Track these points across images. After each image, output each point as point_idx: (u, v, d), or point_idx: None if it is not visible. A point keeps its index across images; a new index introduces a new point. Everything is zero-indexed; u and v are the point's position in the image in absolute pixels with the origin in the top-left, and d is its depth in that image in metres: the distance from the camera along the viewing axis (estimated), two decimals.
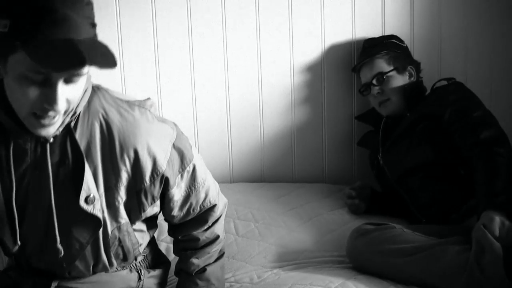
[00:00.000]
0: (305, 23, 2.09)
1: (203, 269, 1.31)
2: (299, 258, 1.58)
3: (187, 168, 1.18)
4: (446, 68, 2.17)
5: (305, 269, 1.50)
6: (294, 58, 2.11)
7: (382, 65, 1.90)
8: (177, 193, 1.19)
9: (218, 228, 1.31)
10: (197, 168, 1.21)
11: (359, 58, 2.03)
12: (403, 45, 2.00)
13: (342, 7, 2.10)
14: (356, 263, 1.49)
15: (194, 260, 1.29)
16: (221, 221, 1.33)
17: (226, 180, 2.16)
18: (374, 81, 1.89)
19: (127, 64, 2.02)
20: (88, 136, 1.05)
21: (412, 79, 1.91)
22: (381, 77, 1.88)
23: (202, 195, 1.24)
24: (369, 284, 1.35)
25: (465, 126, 1.62)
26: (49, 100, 0.91)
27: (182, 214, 1.24)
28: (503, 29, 2.18)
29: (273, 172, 2.19)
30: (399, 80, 1.88)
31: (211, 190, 1.26)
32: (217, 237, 1.31)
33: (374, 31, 2.11)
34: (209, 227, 1.29)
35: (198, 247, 1.30)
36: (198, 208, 1.25)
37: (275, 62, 2.10)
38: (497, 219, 1.38)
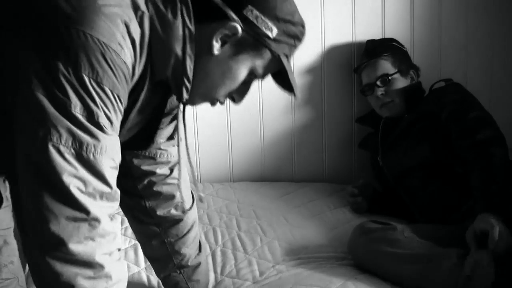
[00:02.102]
0: (305, 22, 2.09)
1: (198, 263, 1.32)
2: (302, 253, 1.57)
3: None
4: (446, 70, 2.18)
5: (307, 265, 1.49)
6: (294, 58, 2.11)
7: (387, 66, 1.89)
8: None
9: (196, 212, 1.34)
10: None
11: (362, 58, 2.02)
12: (404, 48, 2.00)
13: (342, 8, 2.11)
14: (357, 260, 1.50)
15: (185, 250, 1.30)
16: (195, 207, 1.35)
17: (227, 180, 2.16)
18: (379, 82, 1.88)
19: None
20: None
21: (413, 82, 1.92)
22: (386, 78, 1.88)
23: None
24: (369, 284, 1.35)
25: (461, 126, 1.62)
26: (241, 95, 1.05)
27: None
28: (504, 30, 2.19)
29: (273, 172, 2.19)
30: (402, 82, 1.89)
31: None
32: (196, 219, 1.33)
33: (374, 33, 2.12)
34: (190, 207, 1.30)
35: (182, 234, 1.29)
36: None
37: None
38: (496, 226, 1.36)
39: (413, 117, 1.79)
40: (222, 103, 1.04)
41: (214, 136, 2.13)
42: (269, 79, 1.00)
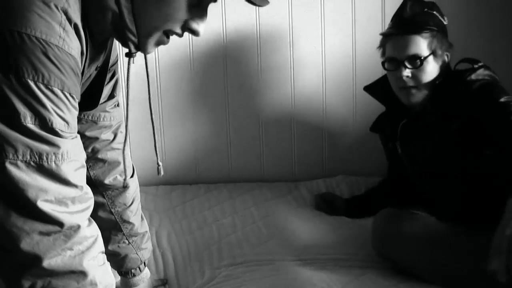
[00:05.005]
0: (305, 22, 2.09)
1: (145, 231, 1.34)
2: (303, 254, 1.56)
3: None
4: None
5: (310, 266, 1.48)
6: (294, 57, 2.11)
7: (422, 46, 1.57)
8: None
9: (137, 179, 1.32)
10: None
11: (394, 21, 1.65)
12: (444, 22, 1.66)
13: (342, 5, 2.10)
14: (379, 244, 1.51)
15: (134, 219, 1.29)
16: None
17: (226, 180, 2.16)
18: (407, 63, 1.57)
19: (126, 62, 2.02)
20: None
21: (443, 65, 1.62)
22: (418, 60, 1.56)
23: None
24: (371, 285, 1.35)
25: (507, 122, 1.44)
26: (198, 22, 0.94)
27: None
28: (505, 29, 2.17)
29: (273, 171, 2.19)
30: (433, 66, 1.58)
31: None
32: (137, 186, 1.31)
33: (374, 32, 2.10)
34: (133, 174, 1.29)
35: (130, 202, 1.27)
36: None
37: (275, 61, 2.10)
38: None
39: (444, 112, 1.56)
40: (180, 35, 0.96)
41: (214, 135, 2.13)
42: (269, 75, 0.91)
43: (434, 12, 1.62)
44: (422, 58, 1.56)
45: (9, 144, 0.77)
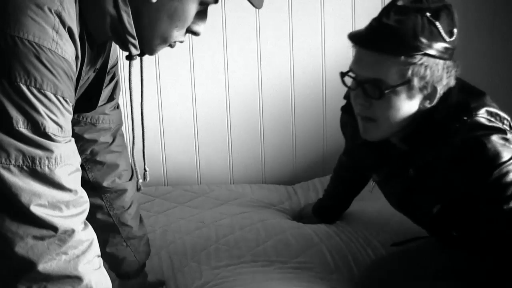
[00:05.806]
0: (305, 23, 2.09)
1: (144, 233, 1.34)
2: (301, 255, 1.56)
3: None
4: None
5: (308, 270, 1.48)
6: (294, 58, 2.11)
7: (390, 70, 1.10)
8: None
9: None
10: None
11: (367, 29, 1.18)
12: (447, 39, 1.11)
13: (342, 6, 2.10)
14: None
15: (132, 221, 1.29)
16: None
17: (227, 181, 2.17)
18: (367, 87, 1.13)
19: (126, 65, 2.02)
20: None
21: (426, 103, 1.15)
22: (380, 90, 1.11)
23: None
24: None
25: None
26: (199, 26, 0.95)
27: None
28: (503, 31, 2.17)
29: (273, 172, 2.19)
30: (403, 101, 1.12)
31: None
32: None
33: None
34: (131, 177, 1.28)
35: (128, 205, 1.28)
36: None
37: (275, 62, 2.10)
38: None
39: (424, 173, 1.20)
40: (182, 41, 0.97)
41: (214, 136, 2.14)
42: (269, 75, 0.92)
43: (437, 23, 1.09)
44: (383, 88, 1.10)
45: (1, 149, 0.76)
